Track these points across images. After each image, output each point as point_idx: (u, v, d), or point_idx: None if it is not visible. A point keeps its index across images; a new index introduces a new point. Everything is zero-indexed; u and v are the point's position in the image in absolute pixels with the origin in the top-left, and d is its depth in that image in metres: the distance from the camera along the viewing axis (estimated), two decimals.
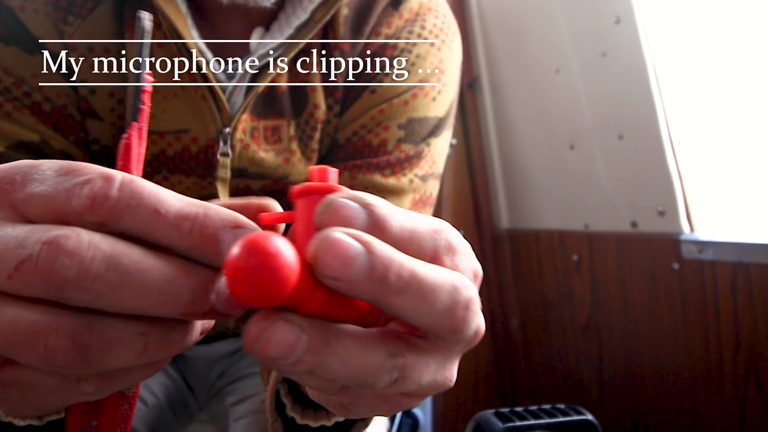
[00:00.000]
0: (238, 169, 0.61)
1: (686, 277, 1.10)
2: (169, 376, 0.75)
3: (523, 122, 1.40)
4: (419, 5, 0.63)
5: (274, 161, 0.61)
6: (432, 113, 0.62)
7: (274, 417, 0.43)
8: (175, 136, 0.59)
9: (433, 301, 0.22)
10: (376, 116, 0.61)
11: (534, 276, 1.41)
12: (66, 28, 0.56)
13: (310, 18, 0.58)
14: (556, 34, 1.28)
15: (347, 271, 0.21)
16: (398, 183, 0.60)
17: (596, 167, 1.25)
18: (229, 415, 0.73)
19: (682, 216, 1.10)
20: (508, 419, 0.62)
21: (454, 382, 0.27)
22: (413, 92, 0.61)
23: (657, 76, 1.11)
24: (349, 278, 0.21)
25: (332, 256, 0.21)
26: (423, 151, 0.62)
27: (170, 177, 0.61)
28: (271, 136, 0.61)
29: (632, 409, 1.21)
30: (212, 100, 0.57)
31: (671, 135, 1.11)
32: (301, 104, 0.61)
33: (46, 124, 0.57)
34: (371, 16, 0.61)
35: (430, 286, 0.22)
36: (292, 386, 0.44)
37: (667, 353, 1.14)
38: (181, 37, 0.54)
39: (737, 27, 1.10)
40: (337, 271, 0.21)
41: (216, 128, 0.59)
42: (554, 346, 1.39)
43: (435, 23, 0.63)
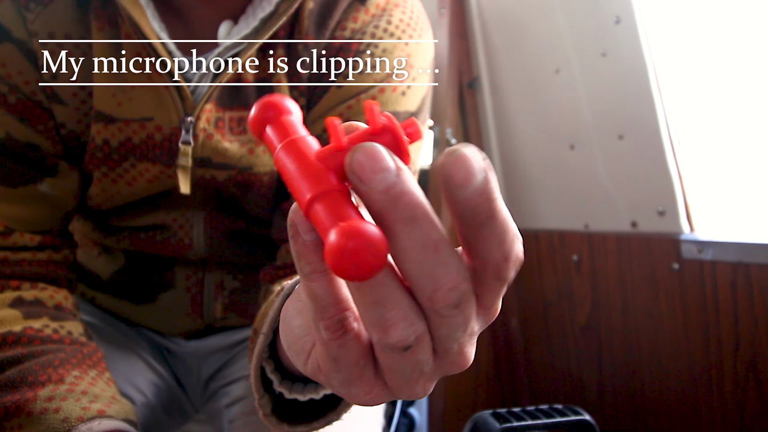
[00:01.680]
0: (201, 158, 0.61)
1: (686, 277, 1.10)
2: (158, 374, 0.75)
3: (523, 122, 1.40)
4: (386, 1, 0.63)
5: (238, 152, 0.62)
6: (402, 108, 0.62)
7: (260, 393, 0.43)
8: (140, 124, 0.60)
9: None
10: (344, 113, 0.61)
11: (534, 276, 1.41)
12: (28, 15, 0.57)
13: (275, 10, 0.58)
14: (556, 34, 1.28)
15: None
16: None
17: (596, 167, 1.25)
18: (223, 416, 0.73)
19: (682, 216, 1.10)
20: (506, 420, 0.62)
21: (470, 363, 0.29)
22: (381, 87, 0.61)
23: (657, 76, 1.11)
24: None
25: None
26: None
27: (137, 164, 0.62)
28: (237, 126, 0.61)
29: (632, 409, 1.21)
30: (175, 90, 0.58)
31: (671, 135, 1.10)
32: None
33: (12, 115, 0.58)
34: (336, 10, 0.61)
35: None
36: (278, 364, 0.45)
37: (667, 353, 1.14)
38: (139, 27, 0.55)
39: (737, 27, 1.10)
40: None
41: (179, 117, 0.59)
42: (554, 346, 1.38)
43: (402, 18, 0.63)
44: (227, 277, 0.73)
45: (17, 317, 0.56)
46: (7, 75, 0.57)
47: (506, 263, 0.26)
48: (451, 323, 0.26)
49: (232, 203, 0.67)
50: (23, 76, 0.58)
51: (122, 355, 0.72)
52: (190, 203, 0.67)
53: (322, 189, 0.25)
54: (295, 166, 0.26)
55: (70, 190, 0.63)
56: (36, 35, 0.57)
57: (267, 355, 0.43)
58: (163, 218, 0.68)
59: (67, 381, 0.53)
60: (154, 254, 0.71)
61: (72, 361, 0.55)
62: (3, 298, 0.57)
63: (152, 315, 0.75)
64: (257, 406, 0.44)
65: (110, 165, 0.62)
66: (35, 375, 0.53)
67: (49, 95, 0.59)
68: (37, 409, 0.51)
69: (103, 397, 0.54)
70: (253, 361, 0.43)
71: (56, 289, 0.61)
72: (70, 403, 0.51)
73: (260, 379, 0.43)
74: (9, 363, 0.53)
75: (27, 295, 0.58)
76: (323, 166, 0.26)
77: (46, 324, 0.57)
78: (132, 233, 0.70)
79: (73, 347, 0.57)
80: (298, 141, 0.27)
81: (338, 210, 0.24)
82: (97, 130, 0.60)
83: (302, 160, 0.26)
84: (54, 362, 0.54)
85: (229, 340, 0.78)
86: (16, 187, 0.59)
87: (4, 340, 0.54)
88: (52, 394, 0.52)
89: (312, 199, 0.25)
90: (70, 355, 0.56)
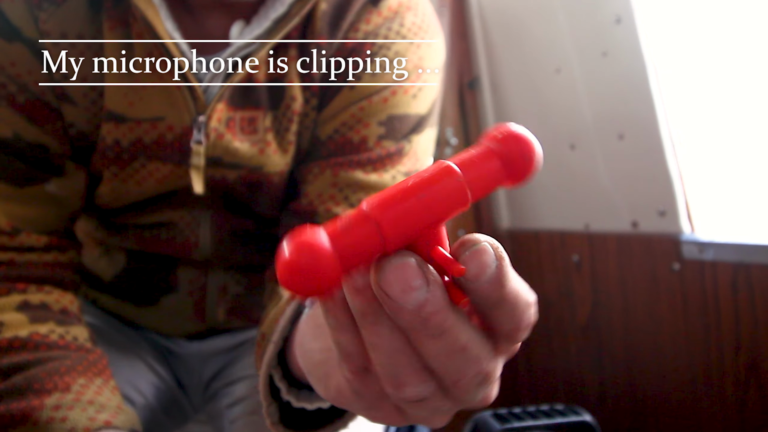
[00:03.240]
0: (212, 158, 0.61)
1: (687, 277, 1.10)
2: (159, 376, 0.75)
3: (523, 122, 1.38)
4: (398, 3, 0.63)
5: (249, 151, 0.62)
6: (413, 110, 0.62)
7: (268, 401, 0.43)
8: (152, 123, 0.60)
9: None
10: (356, 113, 0.61)
11: (534, 276, 1.41)
12: (40, 14, 0.57)
13: (287, 11, 0.58)
14: (556, 34, 1.28)
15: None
16: (380, 179, 0.60)
17: (596, 167, 1.25)
18: (224, 417, 0.73)
19: (682, 216, 1.10)
20: (506, 420, 0.62)
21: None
22: (392, 89, 0.61)
23: (657, 76, 1.11)
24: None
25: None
26: (404, 148, 0.62)
27: (147, 164, 0.62)
28: (247, 126, 0.61)
29: (632, 409, 1.21)
30: (186, 89, 0.58)
31: (671, 135, 1.10)
32: (278, 96, 0.61)
33: (21, 115, 0.58)
34: (349, 11, 0.61)
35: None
36: (286, 371, 0.44)
37: (668, 353, 1.14)
38: (154, 28, 0.55)
39: (737, 27, 1.09)
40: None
41: (190, 116, 0.59)
42: (554, 346, 1.38)
43: (414, 21, 0.63)
44: (230, 282, 0.73)
45: (23, 322, 0.56)
46: (16, 74, 0.57)
47: (517, 332, 0.27)
48: (473, 391, 0.28)
49: (240, 202, 0.67)
50: (33, 75, 0.58)
51: (123, 356, 0.72)
52: (197, 201, 0.67)
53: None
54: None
55: (77, 190, 0.63)
56: (48, 35, 0.57)
57: (275, 363, 0.43)
58: (169, 216, 0.68)
59: (74, 389, 0.53)
60: (158, 255, 0.71)
61: (78, 369, 0.55)
62: (9, 302, 0.57)
63: (154, 317, 0.75)
64: (265, 414, 0.44)
65: (120, 165, 0.62)
66: (41, 382, 0.52)
67: (59, 95, 0.59)
68: (44, 418, 0.50)
69: (109, 407, 0.54)
70: (262, 369, 0.44)
71: (62, 293, 0.61)
72: (77, 413, 0.51)
73: (268, 387, 0.43)
74: (15, 369, 0.53)
75: (33, 298, 0.58)
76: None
77: (52, 329, 0.57)
78: (137, 231, 0.70)
79: (79, 354, 0.57)
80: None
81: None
82: (107, 129, 0.60)
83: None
84: (60, 369, 0.54)
85: (232, 342, 0.78)
86: (23, 187, 0.59)
87: (11, 345, 0.54)
88: (59, 402, 0.51)
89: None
90: (76, 362, 0.55)
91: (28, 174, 0.59)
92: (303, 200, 0.62)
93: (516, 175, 0.25)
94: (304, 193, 0.62)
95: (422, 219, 0.23)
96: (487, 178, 0.25)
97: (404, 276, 0.23)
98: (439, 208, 0.23)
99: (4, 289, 0.57)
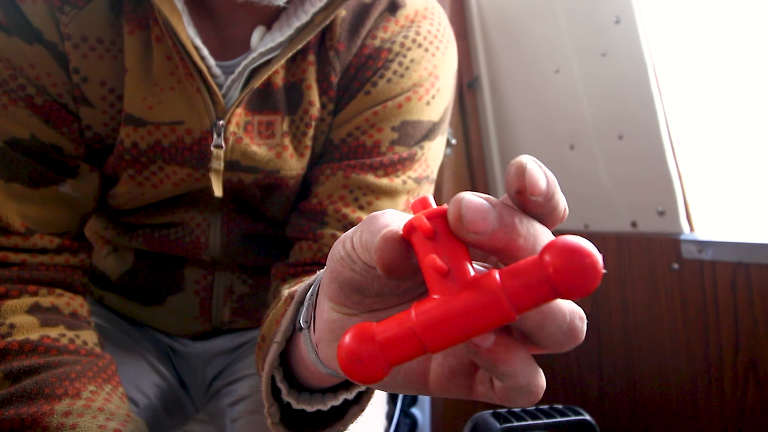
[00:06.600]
0: (230, 161, 0.62)
1: (686, 277, 1.10)
2: (162, 376, 0.75)
3: (523, 122, 1.40)
4: (415, 12, 0.64)
5: (266, 155, 0.62)
6: (426, 117, 0.63)
7: (270, 402, 0.44)
8: (171, 127, 0.60)
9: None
10: (370, 118, 0.62)
11: None
12: (62, 17, 0.57)
13: (310, 20, 0.59)
14: (555, 34, 1.28)
15: (486, 223, 0.24)
16: (391, 183, 0.61)
17: (596, 167, 1.25)
18: (225, 416, 0.74)
19: (681, 216, 1.10)
20: (506, 420, 0.62)
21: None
22: (407, 95, 0.62)
23: (657, 76, 1.11)
24: (486, 230, 0.24)
25: (473, 212, 0.24)
26: (416, 154, 0.62)
27: (165, 167, 0.62)
28: (265, 130, 0.62)
29: (632, 408, 1.21)
30: (207, 94, 0.58)
31: (671, 135, 1.11)
32: (296, 101, 0.62)
33: (38, 117, 0.58)
34: (368, 19, 0.62)
35: (546, 235, 0.26)
36: (287, 373, 0.45)
37: (667, 353, 1.14)
38: (176, 32, 0.55)
39: (737, 27, 1.10)
40: (478, 225, 0.24)
41: (210, 121, 0.60)
42: None
43: (430, 30, 0.64)
44: (237, 282, 0.74)
45: (34, 324, 0.56)
46: (36, 77, 0.58)
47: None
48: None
49: (252, 205, 0.67)
50: (51, 78, 0.58)
51: (126, 356, 0.72)
52: (209, 203, 0.67)
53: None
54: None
55: (91, 192, 0.63)
56: (69, 38, 0.57)
57: (278, 363, 0.43)
58: (181, 216, 0.68)
59: (84, 396, 0.53)
60: (165, 254, 0.71)
61: (88, 375, 0.55)
62: (20, 304, 0.57)
63: (160, 316, 0.75)
64: (266, 414, 0.44)
65: (138, 168, 0.62)
66: (52, 387, 0.52)
67: (77, 98, 0.59)
68: (54, 424, 0.50)
69: (119, 415, 0.53)
70: (264, 369, 0.44)
71: (72, 296, 0.61)
72: (87, 420, 0.51)
73: (270, 387, 0.44)
74: (26, 373, 0.53)
75: (44, 301, 0.58)
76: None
77: (62, 333, 0.57)
78: (146, 231, 0.70)
79: (89, 359, 0.57)
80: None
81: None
82: (126, 132, 0.60)
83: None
84: (71, 375, 0.54)
85: (236, 342, 0.78)
86: (37, 188, 0.59)
87: (21, 349, 0.54)
88: (69, 409, 0.51)
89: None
90: (86, 367, 0.55)
91: (43, 175, 0.59)
92: (313, 200, 0.62)
93: (569, 296, 0.25)
94: (314, 194, 0.63)
95: (463, 338, 0.25)
96: (537, 300, 0.25)
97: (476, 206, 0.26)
98: (481, 329, 0.25)
99: (15, 291, 0.57)
